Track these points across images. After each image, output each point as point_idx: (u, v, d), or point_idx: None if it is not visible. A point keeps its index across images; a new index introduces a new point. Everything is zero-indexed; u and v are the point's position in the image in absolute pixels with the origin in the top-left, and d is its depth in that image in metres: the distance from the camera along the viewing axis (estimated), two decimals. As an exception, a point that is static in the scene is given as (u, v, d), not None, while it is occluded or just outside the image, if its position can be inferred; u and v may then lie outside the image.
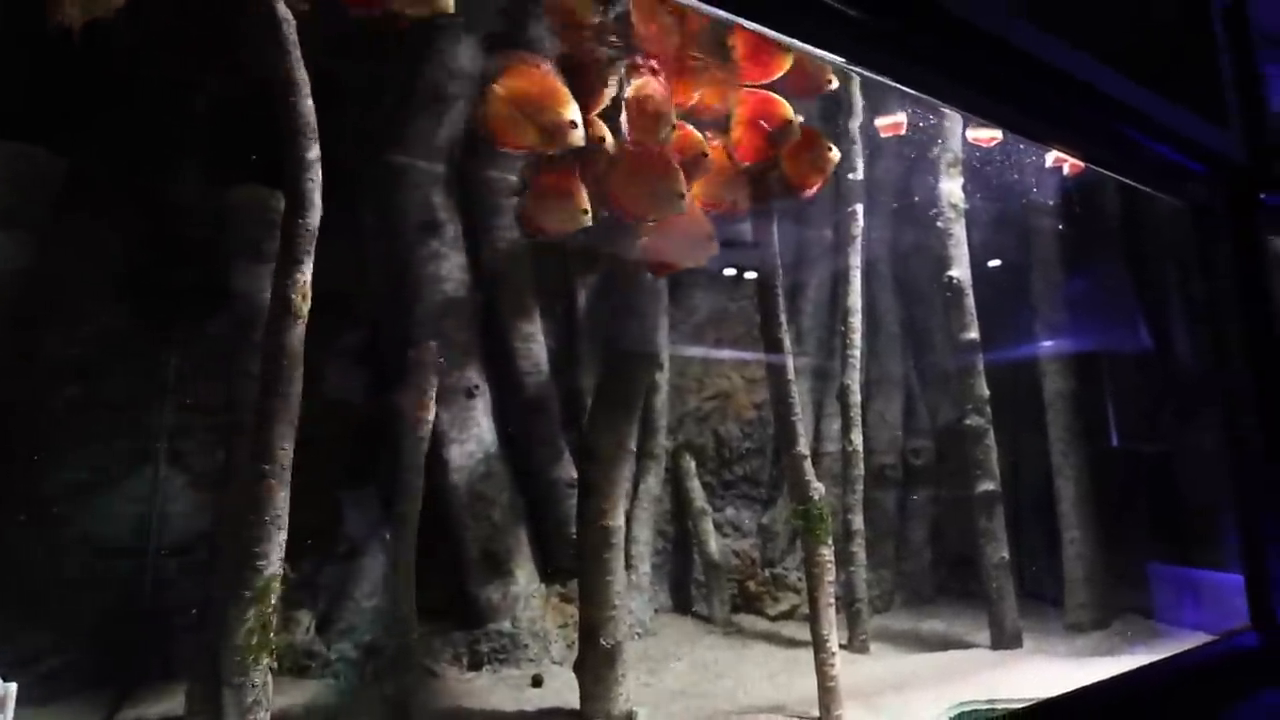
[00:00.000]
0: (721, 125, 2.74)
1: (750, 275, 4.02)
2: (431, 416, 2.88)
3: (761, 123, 2.63)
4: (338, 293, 2.58)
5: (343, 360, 3.29)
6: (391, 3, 2.04)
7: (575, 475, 3.50)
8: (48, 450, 2.72)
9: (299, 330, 2.07)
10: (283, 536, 2.00)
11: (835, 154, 2.76)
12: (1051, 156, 3.97)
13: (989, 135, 3.82)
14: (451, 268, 3.49)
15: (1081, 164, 3.36)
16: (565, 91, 2.29)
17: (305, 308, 2.08)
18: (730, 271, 4.38)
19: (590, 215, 2.49)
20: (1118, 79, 2.19)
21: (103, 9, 1.77)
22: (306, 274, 2.08)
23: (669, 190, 2.42)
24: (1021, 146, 4.06)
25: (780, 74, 2.56)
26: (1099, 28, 2.35)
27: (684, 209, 2.46)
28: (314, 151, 2.13)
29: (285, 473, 2.01)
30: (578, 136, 2.27)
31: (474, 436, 3.44)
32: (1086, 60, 2.09)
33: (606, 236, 2.73)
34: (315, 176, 2.12)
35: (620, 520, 2.65)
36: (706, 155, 2.55)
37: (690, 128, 2.57)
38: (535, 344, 3.72)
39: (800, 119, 2.70)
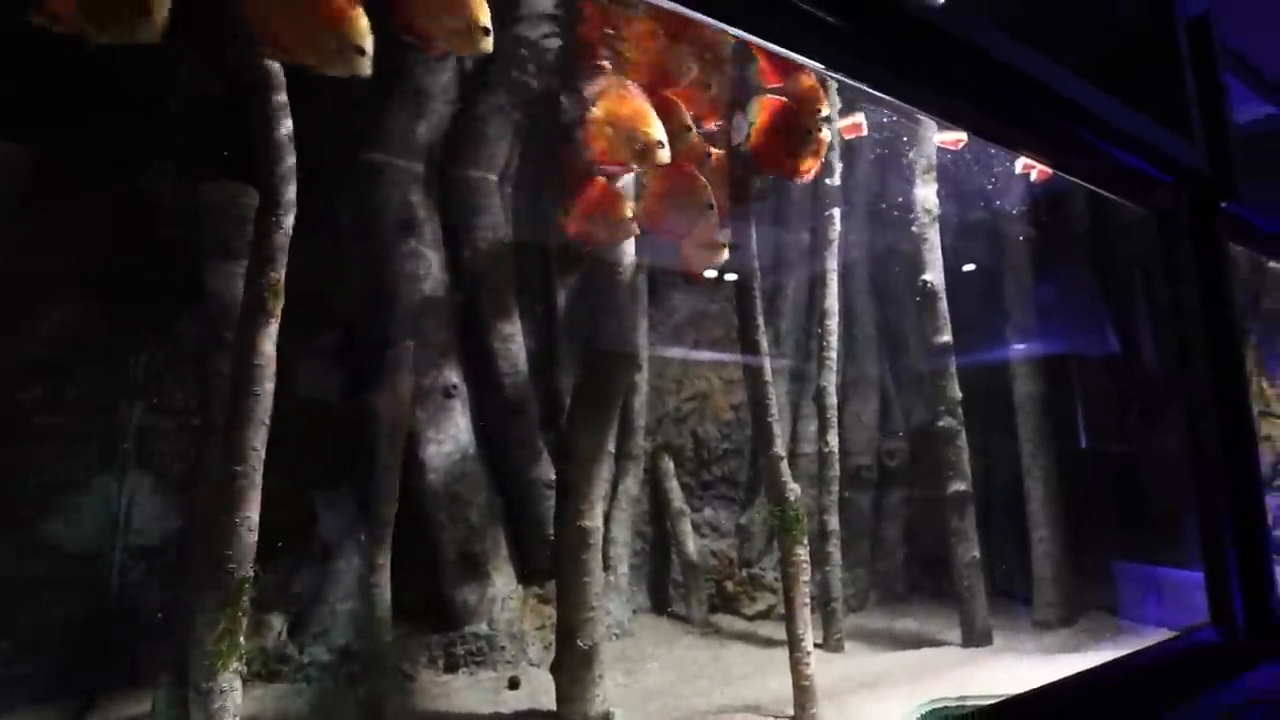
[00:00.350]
0: (717, 134, 2.79)
1: (729, 277, 4.04)
2: (408, 417, 2.86)
3: (777, 127, 2.68)
4: (314, 291, 2.55)
5: (318, 359, 3.25)
6: (435, 39, 2.05)
7: (553, 476, 3.49)
8: (13, 451, 2.65)
9: (272, 329, 2.05)
10: (254, 538, 1.98)
11: (827, 135, 2.81)
12: (1020, 163, 4.05)
13: (954, 138, 3.87)
14: (430, 267, 3.46)
15: (1049, 171, 3.42)
16: (652, 112, 2.37)
17: (278, 306, 2.06)
18: (710, 273, 4.39)
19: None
20: (1085, 88, 2.24)
21: (146, 36, 1.74)
22: (280, 272, 2.06)
23: (698, 203, 2.51)
24: (992, 151, 4.13)
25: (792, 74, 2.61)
26: (1069, 38, 2.40)
27: (713, 219, 2.51)
28: (289, 148, 2.11)
29: (257, 473, 1.99)
30: (664, 155, 2.34)
31: (452, 437, 3.42)
32: (1055, 69, 2.13)
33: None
34: (290, 173, 2.10)
35: (598, 521, 2.65)
36: (710, 155, 2.59)
37: None
38: (514, 344, 3.71)
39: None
